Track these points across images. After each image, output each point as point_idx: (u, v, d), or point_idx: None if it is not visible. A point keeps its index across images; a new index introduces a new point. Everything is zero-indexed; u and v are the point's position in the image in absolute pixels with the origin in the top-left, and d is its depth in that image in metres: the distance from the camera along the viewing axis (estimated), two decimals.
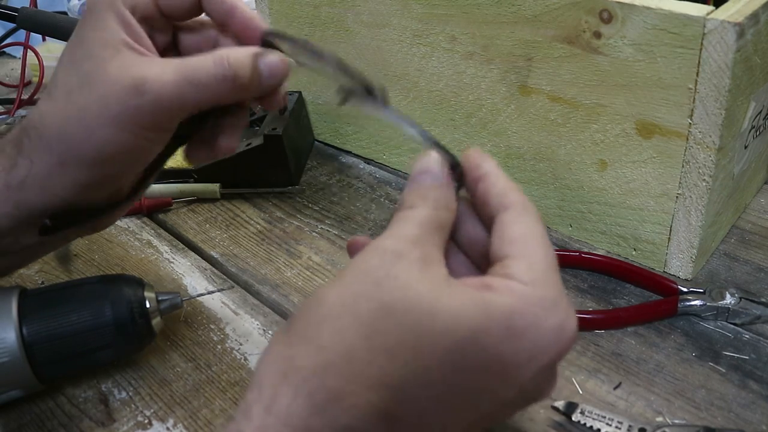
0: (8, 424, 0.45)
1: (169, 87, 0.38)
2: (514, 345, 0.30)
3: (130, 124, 0.39)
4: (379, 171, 0.72)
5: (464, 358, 0.30)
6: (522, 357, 0.31)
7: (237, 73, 0.39)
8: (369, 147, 0.73)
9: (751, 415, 0.44)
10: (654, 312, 0.52)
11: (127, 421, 0.45)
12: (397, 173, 0.71)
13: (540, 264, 0.33)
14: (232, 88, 0.40)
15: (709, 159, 0.49)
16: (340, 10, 0.67)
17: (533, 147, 0.59)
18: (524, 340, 0.31)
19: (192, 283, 0.57)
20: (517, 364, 0.31)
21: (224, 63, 0.39)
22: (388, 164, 0.72)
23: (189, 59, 0.39)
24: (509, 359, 0.30)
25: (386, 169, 0.72)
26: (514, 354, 0.30)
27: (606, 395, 0.46)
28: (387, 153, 0.72)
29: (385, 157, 0.72)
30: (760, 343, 0.49)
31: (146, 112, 0.38)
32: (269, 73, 0.41)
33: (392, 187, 0.69)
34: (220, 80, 0.39)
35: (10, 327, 0.42)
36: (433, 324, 0.29)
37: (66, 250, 0.61)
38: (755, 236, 0.59)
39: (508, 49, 0.56)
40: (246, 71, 0.40)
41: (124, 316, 0.44)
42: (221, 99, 0.41)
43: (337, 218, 0.64)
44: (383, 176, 0.71)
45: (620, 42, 0.50)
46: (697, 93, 0.47)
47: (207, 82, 0.39)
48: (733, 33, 0.44)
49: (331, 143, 0.76)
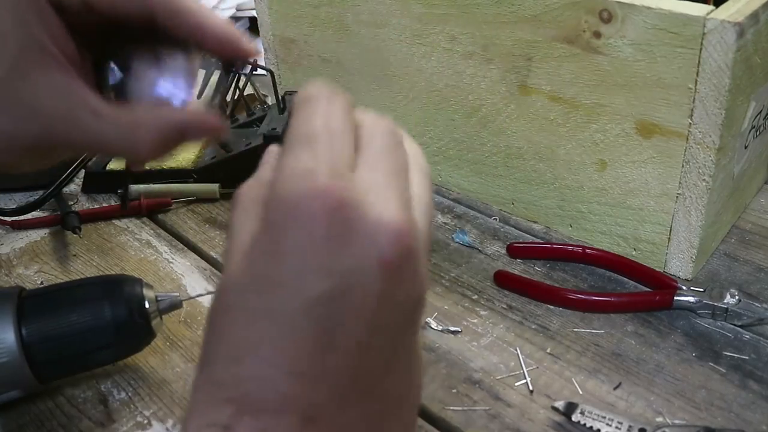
0: (8, 425, 0.45)
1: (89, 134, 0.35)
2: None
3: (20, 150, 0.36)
4: None
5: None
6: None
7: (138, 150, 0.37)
8: None
9: (751, 415, 0.44)
10: (649, 302, 0.52)
11: (127, 422, 0.45)
12: None
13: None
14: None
15: (709, 159, 0.49)
16: (339, 9, 0.67)
17: (533, 147, 0.59)
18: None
19: (191, 284, 0.57)
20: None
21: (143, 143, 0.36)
22: None
23: (131, 117, 0.36)
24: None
25: None
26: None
27: (606, 395, 0.46)
28: None
29: None
30: (760, 343, 0.49)
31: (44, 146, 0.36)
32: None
33: None
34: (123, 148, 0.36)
35: (9, 327, 0.42)
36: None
37: (65, 251, 0.61)
38: (755, 236, 0.59)
39: (508, 48, 0.56)
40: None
41: (124, 316, 0.44)
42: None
43: None
44: None
45: (620, 42, 0.50)
46: (697, 93, 0.47)
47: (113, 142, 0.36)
48: (733, 33, 0.44)
49: None
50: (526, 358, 0.48)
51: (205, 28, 0.37)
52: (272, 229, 0.25)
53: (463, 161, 0.65)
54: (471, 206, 0.65)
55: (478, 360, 0.49)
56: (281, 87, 0.76)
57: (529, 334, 0.51)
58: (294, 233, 0.25)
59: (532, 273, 0.57)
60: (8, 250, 0.62)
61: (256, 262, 0.26)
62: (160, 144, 0.37)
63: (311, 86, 0.30)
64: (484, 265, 0.58)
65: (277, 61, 0.76)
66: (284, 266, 0.25)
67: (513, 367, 0.48)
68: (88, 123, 0.36)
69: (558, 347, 0.49)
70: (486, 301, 0.54)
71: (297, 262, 0.25)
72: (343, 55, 0.69)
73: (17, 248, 0.62)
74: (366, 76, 0.68)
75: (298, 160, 0.26)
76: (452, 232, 0.61)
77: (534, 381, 0.47)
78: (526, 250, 0.58)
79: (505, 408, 0.45)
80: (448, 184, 0.67)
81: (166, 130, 0.37)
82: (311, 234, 0.25)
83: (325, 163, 0.26)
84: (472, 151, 0.63)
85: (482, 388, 0.46)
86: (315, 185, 0.25)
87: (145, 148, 0.37)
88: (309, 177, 0.25)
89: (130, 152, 0.38)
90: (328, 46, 0.70)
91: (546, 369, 0.48)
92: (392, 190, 0.27)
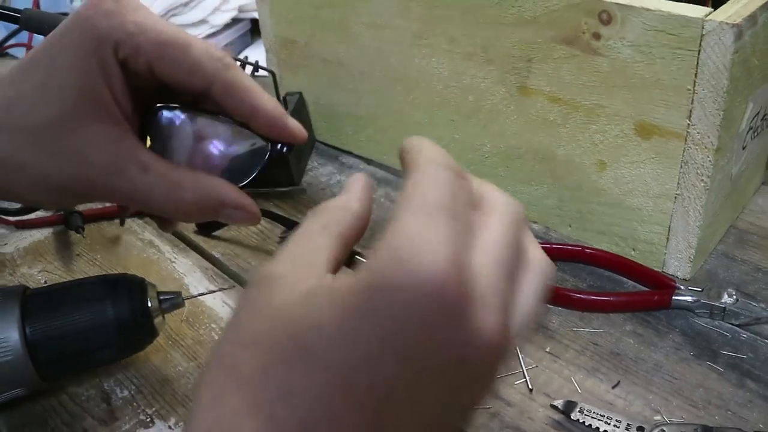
0: (11, 422, 0.45)
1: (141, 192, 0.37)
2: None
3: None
4: (379, 171, 0.72)
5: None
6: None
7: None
8: (369, 147, 0.73)
9: (748, 413, 0.44)
10: (647, 302, 0.52)
11: (129, 420, 0.45)
12: (397, 173, 0.71)
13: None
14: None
15: (707, 159, 0.49)
16: (341, 11, 0.67)
17: (533, 147, 0.59)
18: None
19: (193, 283, 0.57)
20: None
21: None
22: (388, 164, 0.72)
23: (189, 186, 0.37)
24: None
25: (386, 169, 0.72)
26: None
27: (604, 394, 0.46)
28: (387, 153, 0.72)
29: (385, 157, 0.72)
30: (758, 342, 0.49)
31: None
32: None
33: (392, 187, 0.69)
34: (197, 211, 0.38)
35: (13, 326, 0.42)
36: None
37: (69, 251, 0.61)
38: (753, 236, 0.60)
39: (508, 50, 0.56)
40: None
41: (126, 315, 0.44)
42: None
43: None
44: (383, 176, 0.71)
45: (619, 43, 0.50)
46: (695, 94, 0.48)
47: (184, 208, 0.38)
48: (731, 34, 0.45)
49: (331, 144, 0.77)
50: (526, 357, 0.49)
51: (258, 108, 0.37)
52: (377, 297, 0.23)
53: (464, 161, 0.65)
54: None
55: None
56: (282, 88, 0.76)
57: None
58: (398, 314, 0.23)
59: None
60: (12, 249, 0.62)
61: (346, 318, 0.23)
62: (197, 211, 0.37)
63: (424, 143, 0.28)
64: None
65: (278, 63, 0.77)
66: (375, 337, 0.23)
67: (512, 365, 0.48)
68: (135, 176, 0.36)
69: (557, 346, 0.50)
70: None
71: (386, 339, 0.23)
72: (344, 56, 0.69)
73: (21, 248, 0.62)
74: (367, 77, 0.68)
75: (421, 233, 0.23)
76: None
77: (533, 380, 0.47)
78: None
79: (504, 406, 0.45)
80: None
81: (206, 199, 0.37)
82: (414, 321, 0.23)
83: (451, 245, 0.23)
84: (473, 152, 0.64)
85: None
86: (436, 269, 0.23)
87: (184, 210, 0.37)
88: (430, 257, 0.23)
89: (169, 211, 0.38)
90: (330, 47, 0.70)
91: (545, 368, 0.48)
92: (493, 292, 0.24)
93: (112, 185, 0.37)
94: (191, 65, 0.36)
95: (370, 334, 0.23)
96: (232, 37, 0.98)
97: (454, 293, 0.23)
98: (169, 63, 0.36)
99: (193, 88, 0.37)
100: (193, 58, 0.36)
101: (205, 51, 0.37)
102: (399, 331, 0.23)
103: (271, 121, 0.38)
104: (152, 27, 0.36)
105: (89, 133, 0.36)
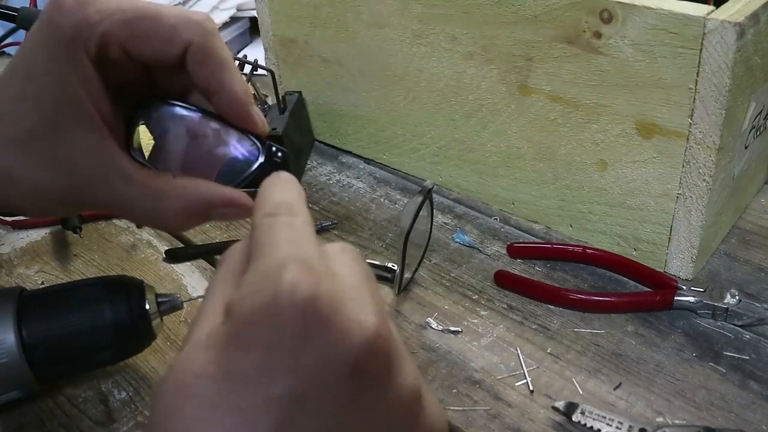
0: (8, 424, 0.45)
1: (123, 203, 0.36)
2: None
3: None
4: (379, 171, 0.72)
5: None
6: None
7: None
8: (369, 147, 0.73)
9: (751, 415, 0.44)
10: (649, 302, 0.52)
11: (127, 422, 0.45)
12: (397, 173, 0.71)
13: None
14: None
15: (709, 159, 0.49)
16: (340, 9, 0.67)
17: (533, 147, 0.59)
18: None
19: (192, 284, 0.57)
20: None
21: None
22: (388, 164, 0.72)
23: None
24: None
25: (386, 169, 0.72)
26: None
27: (606, 395, 0.46)
28: (387, 153, 0.71)
29: (385, 157, 0.72)
30: (761, 343, 0.49)
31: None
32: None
33: (392, 187, 0.69)
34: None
35: (10, 328, 0.42)
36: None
37: (66, 251, 0.61)
38: (755, 236, 0.59)
39: (508, 49, 0.56)
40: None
41: (124, 318, 0.44)
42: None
43: (337, 218, 0.64)
44: (383, 176, 0.71)
45: (620, 42, 0.50)
46: (697, 93, 0.47)
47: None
48: (734, 33, 0.44)
49: (331, 143, 0.76)
50: (527, 358, 0.49)
51: (225, 85, 0.35)
52: (238, 320, 0.24)
53: (464, 161, 0.65)
54: (471, 206, 0.65)
55: (478, 360, 0.49)
56: (281, 87, 0.76)
57: (529, 334, 0.51)
58: (261, 326, 0.23)
59: (533, 273, 0.57)
60: (9, 250, 0.62)
61: (222, 352, 0.24)
62: (184, 217, 0.37)
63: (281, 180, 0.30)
64: (484, 265, 0.58)
65: (277, 62, 0.76)
66: (249, 359, 0.23)
67: (513, 367, 0.48)
68: (118, 187, 0.36)
69: (558, 347, 0.49)
70: (486, 301, 0.54)
71: (261, 356, 0.23)
72: (343, 55, 0.69)
73: (18, 248, 0.62)
74: (366, 77, 0.68)
75: (273, 248, 0.25)
76: (452, 232, 0.61)
77: (534, 381, 0.47)
78: (527, 250, 0.58)
79: (505, 408, 0.45)
80: (449, 184, 0.67)
81: (192, 204, 0.36)
82: (279, 328, 0.23)
83: (297, 253, 0.24)
84: (473, 151, 0.63)
85: (483, 388, 0.46)
86: (286, 277, 0.23)
87: (170, 220, 0.37)
88: (279, 268, 0.23)
89: (154, 221, 0.38)
90: (329, 46, 0.70)
91: (546, 369, 0.48)
92: (367, 293, 0.25)
93: (96, 195, 0.36)
94: (166, 33, 0.34)
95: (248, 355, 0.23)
96: (230, 35, 0.98)
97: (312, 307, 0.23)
98: (141, 38, 0.35)
99: (175, 58, 0.35)
100: (166, 26, 0.34)
101: (180, 16, 0.35)
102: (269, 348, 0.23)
103: (235, 104, 0.36)
104: (117, 8, 0.34)
105: (72, 140, 0.35)
